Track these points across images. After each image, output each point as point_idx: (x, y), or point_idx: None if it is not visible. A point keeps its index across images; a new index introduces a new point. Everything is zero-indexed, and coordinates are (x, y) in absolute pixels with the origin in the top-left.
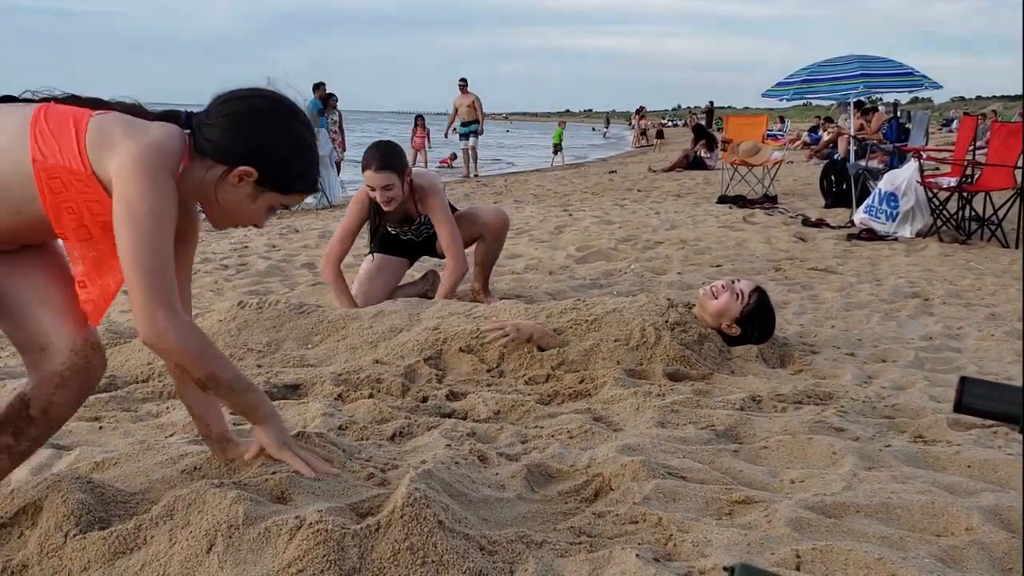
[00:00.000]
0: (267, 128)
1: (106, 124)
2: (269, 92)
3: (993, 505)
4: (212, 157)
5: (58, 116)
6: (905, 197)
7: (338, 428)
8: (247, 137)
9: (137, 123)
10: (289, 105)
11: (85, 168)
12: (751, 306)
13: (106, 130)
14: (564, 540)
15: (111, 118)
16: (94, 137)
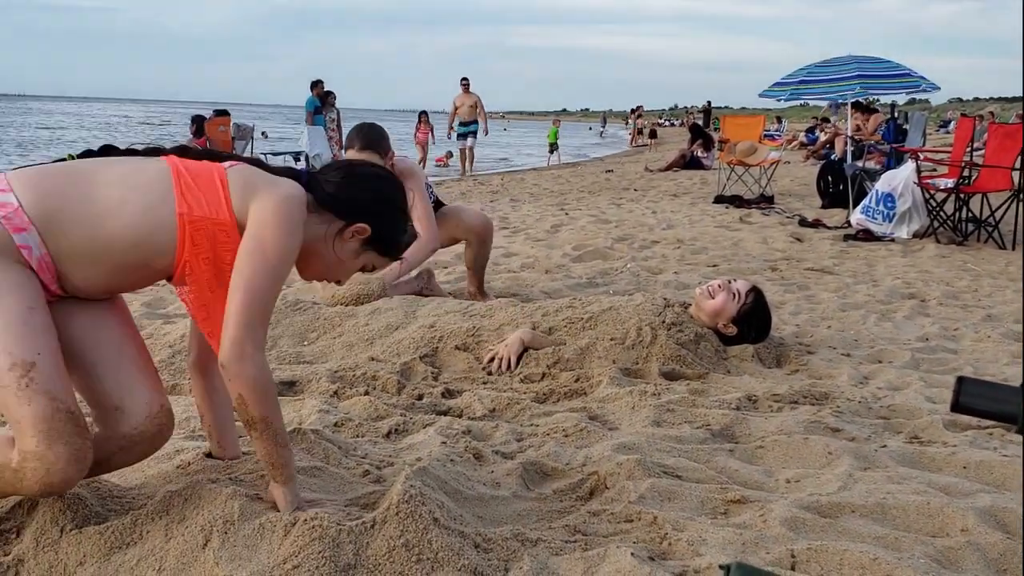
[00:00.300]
0: (384, 193)
1: (246, 174)
2: (384, 172)
3: (989, 506)
4: (333, 211)
5: (199, 170)
6: (902, 198)
7: (334, 425)
8: (367, 197)
9: (271, 176)
10: (397, 179)
11: (230, 218)
12: (748, 306)
13: (248, 180)
14: (559, 538)
15: (248, 169)
16: (237, 186)
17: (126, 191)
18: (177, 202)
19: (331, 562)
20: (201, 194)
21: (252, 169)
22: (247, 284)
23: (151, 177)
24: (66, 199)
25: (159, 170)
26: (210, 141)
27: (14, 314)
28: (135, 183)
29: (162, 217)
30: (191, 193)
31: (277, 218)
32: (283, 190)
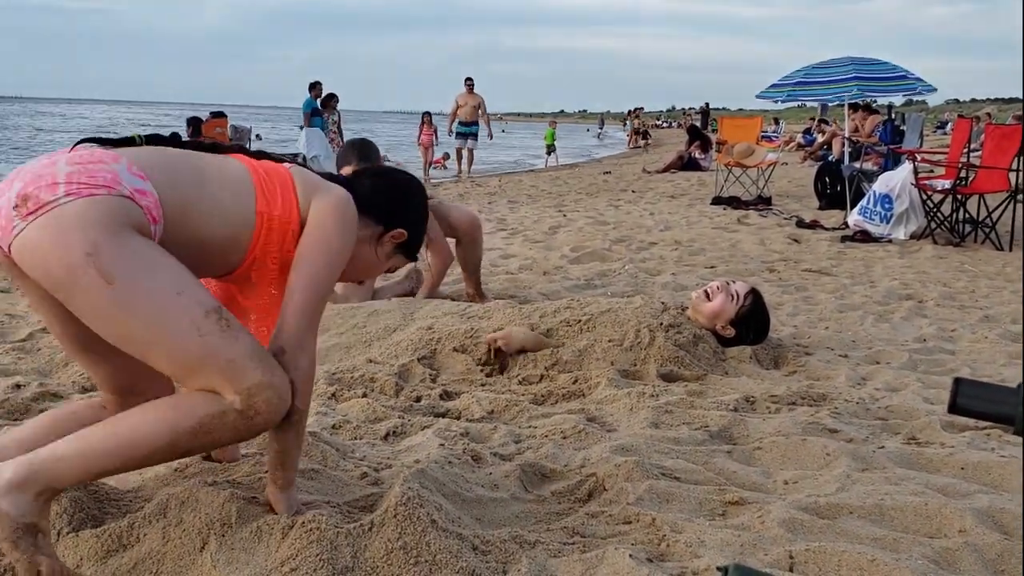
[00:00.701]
0: (419, 200)
1: (305, 175)
2: (406, 176)
3: (986, 507)
4: (374, 217)
5: (270, 170)
6: (899, 199)
7: (332, 427)
8: (406, 206)
9: (324, 179)
10: (422, 185)
11: (298, 216)
12: (746, 308)
13: (308, 179)
14: (557, 540)
15: (305, 171)
16: (301, 186)
17: (224, 189)
18: (258, 200)
19: (329, 564)
20: (277, 194)
21: (308, 171)
22: (312, 277)
23: (238, 175)
24: (188, 195)
25: (240, 168)
26: None
27: (184, 271)
28: (228, 179)
29: (247, 215)
30: (270, 192)
31: (339, 214)
32: (341, 191)
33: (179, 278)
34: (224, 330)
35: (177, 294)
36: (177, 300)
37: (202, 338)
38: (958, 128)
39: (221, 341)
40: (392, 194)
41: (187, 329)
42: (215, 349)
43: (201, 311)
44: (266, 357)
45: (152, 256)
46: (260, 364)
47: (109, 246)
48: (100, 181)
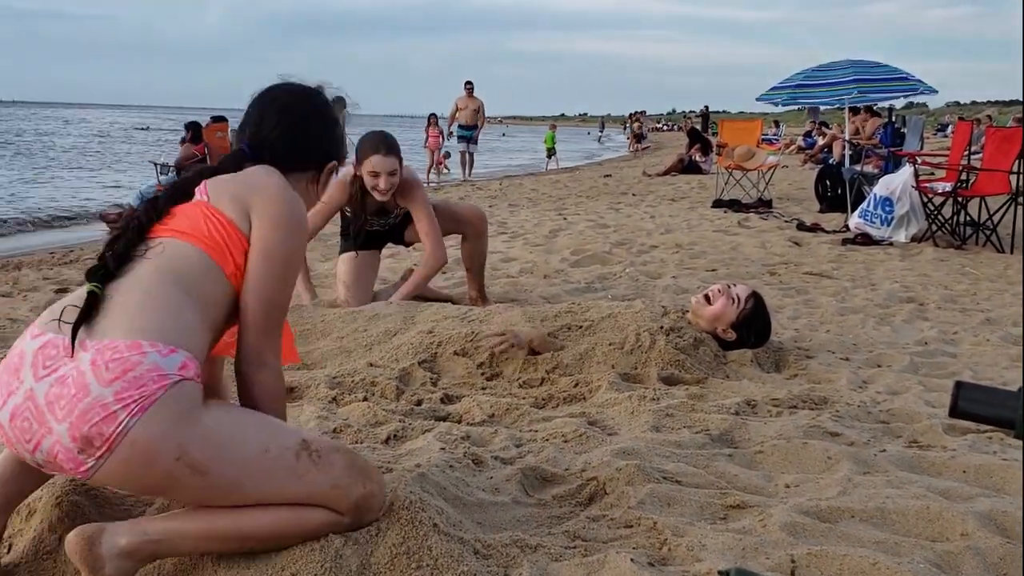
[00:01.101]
0: (326, 124)
1: (224, 193)
2: (300, 88)
3: (988, 510)
4: (304, 167)
5: (208, 220)
6: (900, 202)
7: (332, 431)
8: (319, 140)
9: (240, 177)
10: (315, 91)
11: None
12: (747, 311)
13: (232, 197)
14: (559, 544)
15: (220, 184)
16: (232, 211)
17: (205, 278)
18: (222, 265)
19: (332, 571)
20: (224, 243)
21: (223, 181)
22: (261, 293)
23: (198, 260)
24: (195, 320)
25: (192, 251)
26: (208, 147)
27: (260, 419)
28: (199, 271)
29: (224, 286)
30: (222, 247)
31: (277, 222)
32: (272, 193)
33: (260, 431)
34: (318, 462)
35: (265, 452)
36: (268, 458)
37: (302, 479)
38: (959, 131)
39: (319, 474)
40: (304, 137)
41: (287, 479)
42: (316, 484)
43: (292, 456)
44: (359, 464)
45: (227, 424)
46: (358, 476)
47: (191, 440)
48: (148, 383)
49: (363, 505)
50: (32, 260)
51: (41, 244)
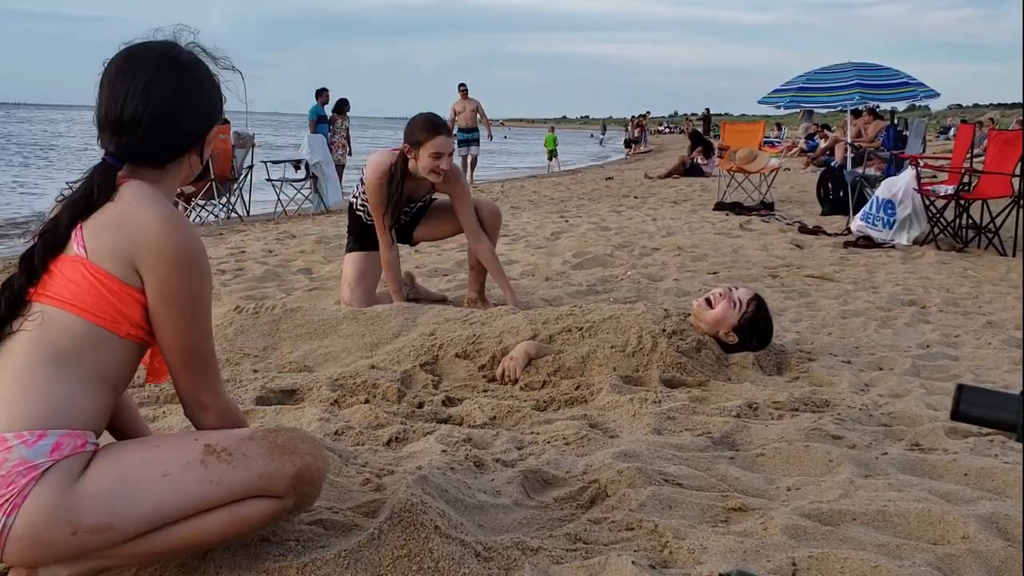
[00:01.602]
0: (200, 90)
1: (99, 248)
2: (156, 57)
3: (990, 513)
4: (179, 158)
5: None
6: (902, 205)
7: (334, 433)
8: (189, 122)
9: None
10: (174, 52)
11: (138, 293)
12: (749, 314)
13: (108, 250)
14: (560, 546)
15: (91, 231)
16: (112, 266)
17: (87, 347)
18: (110, 329)
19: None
20: (108, 301)
21: (99, 227)
22: (177, 342)
23: (78, 328)
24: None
25: (69, 318)
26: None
27: (147, 450)
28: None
29: (123, 350)
30: (109, 311)
31: (171, 268)
32: (153, 238)
33: (151, 463)
34: (230, 460)
35: (165, 476)
36: (172, 480)
37: (221, 483)
38: (961, 133)
39: (238, 471)
40: (187, 111)
41: (204, 490)
42: (240, 481)
43: (198, 467)
44: (281, 443)
45: (112, 475)
46: (283, 457)
47: (79, 511)
48: (16, 479)
49: (300, 484)
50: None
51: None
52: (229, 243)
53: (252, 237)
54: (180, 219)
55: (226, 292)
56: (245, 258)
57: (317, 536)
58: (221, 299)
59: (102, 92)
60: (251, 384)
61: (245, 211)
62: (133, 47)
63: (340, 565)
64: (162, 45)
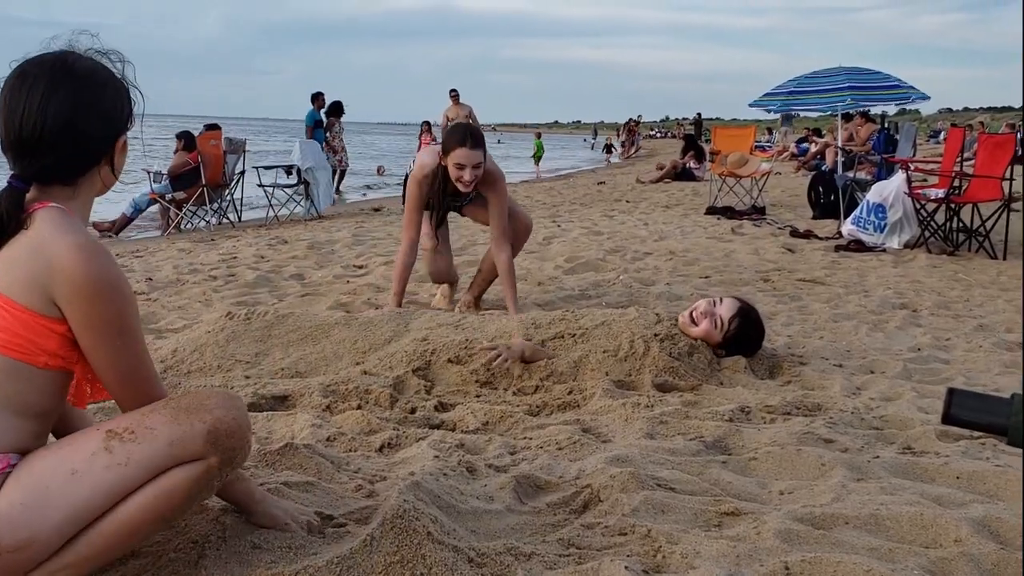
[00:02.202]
0: (103, 100)
1: (13, 280)
2: (51, 67)
3: (982, 516)
4: (86, 170)
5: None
6: (893, 208)
7: (326, 439)
8: (96, 127)
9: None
10: (71, 60)
11: (60, 326)
12: (731, 332)
13: (22, 282)
14: (553, 552)
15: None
16: (27, 299)
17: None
18: (34, 363)
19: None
20: (29, 336)
21: (10, 259)
22: (111, 368)
23: None
24: None
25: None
26: (202, 155)
27: (56, 454)
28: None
29: (41, 380)
30: (25, 345)
31: (90, 297)
32: (67, 267)
33: (55, 464)
34: (135, 438)
35: (73, 474)
36: (80, 476)
37: (131, 463)
38: (951, 137)
39: (146, 446)
40: (92, 123)
41: (118, 475)
42: (152, 456)
43: (104, 455)
44: (185, 405)
45: (19, 491)
46: (191, 418)
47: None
48: None
49: (217, 439)
50: None
51: None
52: (221, 249)
53: (244, 243)
54: (95, 246)
55: (218, 298)
56: (237, 264)
57: (309, 543)
58: (212, 305)
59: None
60: (243, 390)
61: (237, 217)
62: (24, 62)
63: (333, 572)
64: (55, 56)
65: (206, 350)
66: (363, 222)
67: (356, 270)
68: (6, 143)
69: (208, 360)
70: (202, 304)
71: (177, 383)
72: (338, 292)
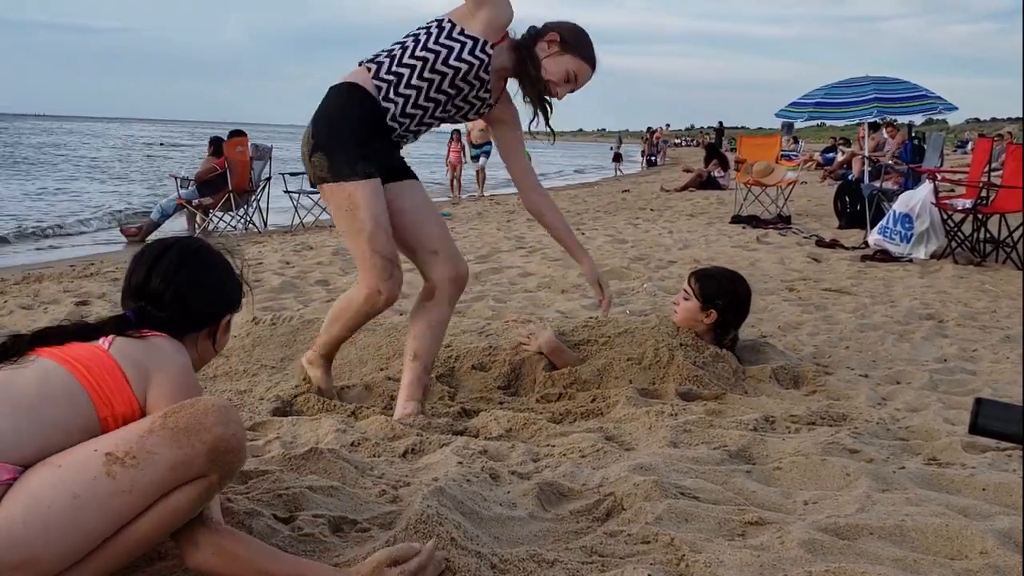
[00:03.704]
0: (216, 282)
1: (127, 354)
2: (185, 249)
3: (1008, 528)
4: (206, 326)
5: (94, 361)
6: (920, 218)
7: (351, 444)
8: (206, 301)
9: (147, 345)
10: (202, 248)
11: (138, 406)
12: (698, 290)
13: (134, 360)
14: (576, 559)
15: (126, 346)
16: (130, 371)
17: (56, 406)
18: (97, 408)
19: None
20: (110, 389)
21: (129, 344)
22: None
23: (65, 385)
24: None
25: (62, 374)
26: (229, 162)
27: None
28: (55, 395)
29: (89, 426)
30: (104, 391)
31: (175, 398)
32: (175, 368)
33: (58, 485)
34: (136, 463)
35: (75, 498)
36: (82, 501)
37: (134, 490)
38: (979, 147)
39: (148, 471)
40: (203, 296)
41: (121, 500)
42: (154, 481)
43: (106, 480)
44: (183, 425)
45: (20, 510)
46: (190, 439)
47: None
48: None
49: (217, 457)
50: (53, 272)
51: (61, 257)
52: (246, 255)
53: (269, 249)
54: (191, 369)
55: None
56: (262, 270)
57: (333, 546)
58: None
59: (137, 266)
60: (268, 395)
61: (263, 223)
62: (166, 237)
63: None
64: (195, 242)
65: (232, 355)
66: None
67: None
68: (128, 288)
69: (234, 364)
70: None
71: (203, 387)
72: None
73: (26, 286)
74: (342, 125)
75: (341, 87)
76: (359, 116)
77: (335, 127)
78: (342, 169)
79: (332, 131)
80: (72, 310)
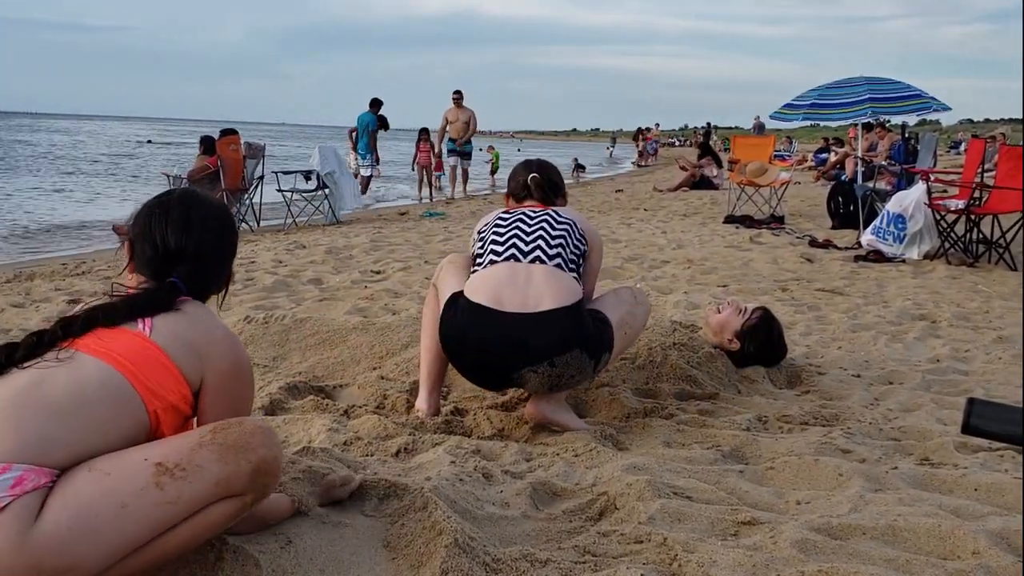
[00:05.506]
0: (221, 234)
1: (171, 339)
2: (218, 206)
3: (1000, 529)
4: (219, 291)
5: (138, 354)
6: (913, 219)
7: (343, 444)
8: (227, 255)
9: (193, 319)
10: (208, 199)
11: (188, 390)
12: (752, 321)
13: (181, 341)
14: (569, 559)
15: (169, 325)
16: (178, 355)
17: (102, 404)
18: (145, 400)
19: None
20: (158, 379)
21: (169, 322)
22: (218, 419)
23: (110, 382)
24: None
25: (107, 371)
26: (222, 160)
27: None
28: (103, 395)
29: (138, 419)
30: (151, 383)
31: (236, 372)
32: (225, 344)
33: (106, 492)
34: (184, 475)
35: (123, 507)
36: (130, 510)
37: (180, 500)
38: (972, 148)
39: (195, 484)
40: (217, 254)
41: (165, 511)
42: (199, 494)
43: (154, 490)
44: (232, 442)
45: (68, 513)
46: (237, 457)
47: (39, 553)
48: None
49: (257, 478)
50: (44, 271)
51: (53, 255)
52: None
53: (262, 247)
54: (237, 338)
55: (236, 302)
56: (255, 268)
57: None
58: (231, 309)
59: (173, 224)
60: (259, 394)
61: (256, 221)
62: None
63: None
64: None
65: None
66: (381, 228)
67: (373, 275)
68: (176, 263)
69: None
70: (220, 308)
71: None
72: (356, 297)
73: (17, 284)
74: None
75: None
76: None
77: None
78: None
79: None
80: (64, 308)
